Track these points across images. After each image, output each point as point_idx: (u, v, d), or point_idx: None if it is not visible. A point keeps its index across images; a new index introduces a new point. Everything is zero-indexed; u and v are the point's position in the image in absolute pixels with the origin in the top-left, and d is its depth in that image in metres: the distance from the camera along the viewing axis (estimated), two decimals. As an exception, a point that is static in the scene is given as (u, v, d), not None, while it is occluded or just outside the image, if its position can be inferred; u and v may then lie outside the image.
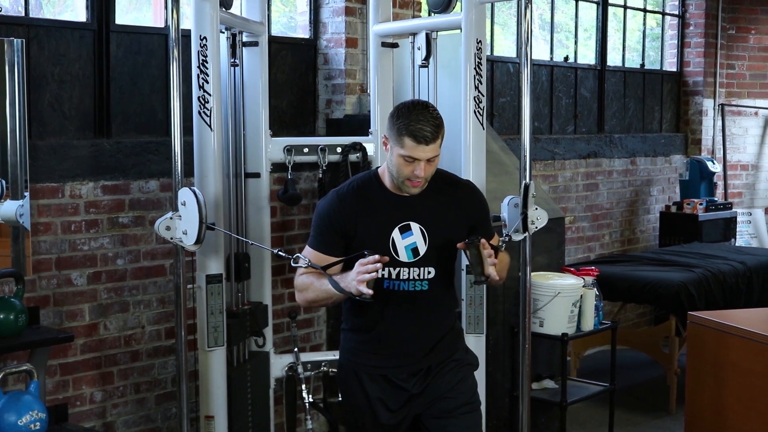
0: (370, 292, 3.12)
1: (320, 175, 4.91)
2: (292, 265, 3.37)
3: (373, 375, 3.42)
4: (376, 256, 3.14)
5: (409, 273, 3.35)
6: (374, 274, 3.13)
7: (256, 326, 4.80)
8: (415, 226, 3.34)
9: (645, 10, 8.69)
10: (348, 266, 3.26)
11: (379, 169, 3.44)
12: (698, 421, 4.82)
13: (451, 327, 3.50)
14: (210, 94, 4.18)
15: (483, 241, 3.23)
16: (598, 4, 7.93)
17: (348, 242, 3.34)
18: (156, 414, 4.90)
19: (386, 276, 3.31)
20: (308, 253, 3.38)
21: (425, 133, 3.20)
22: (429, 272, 3.37)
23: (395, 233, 3.33)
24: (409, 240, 3.34)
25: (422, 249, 3.34)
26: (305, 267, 3.35)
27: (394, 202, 3.36)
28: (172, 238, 3.90)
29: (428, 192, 3.38)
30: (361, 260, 3.15)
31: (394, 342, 3.40)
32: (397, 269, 3.34)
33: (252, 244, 4.51)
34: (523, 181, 4.21)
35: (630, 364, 7.04)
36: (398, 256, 3.33)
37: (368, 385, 3.42)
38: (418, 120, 3.21)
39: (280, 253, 3.62)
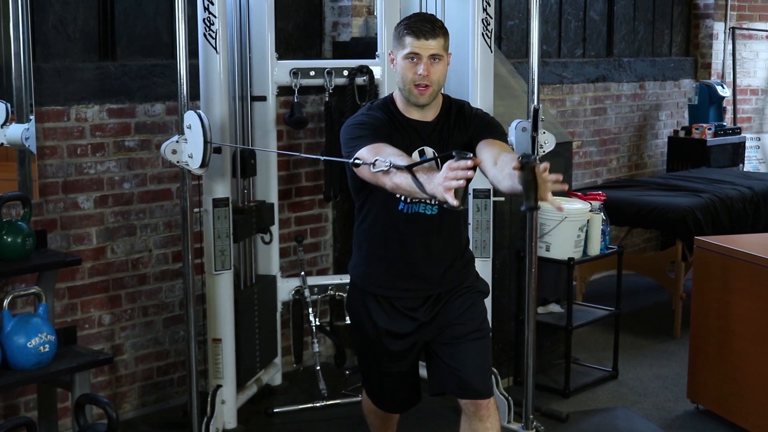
0: (456, 202, 2.67)
1: (326, 99, 4.88)
2: (372, 171, 2.95)
3: (381, 304, 3.43)
4: (469, 162, 2.67)
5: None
6: (462, 181, 2.67)
7: (262, 223, 4.78)
8: (429, 152, 3.32)
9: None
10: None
11: (393, 94, 3.41)
12: (703, 345, 4.85)
13: (461, 253, 3.50)
14: (215, 16, 4.14)
15: (546, 164, 2.78)
16: (608, -76, 7.80)
17: None
18: (164, 337, 4.94)
19: (402, 198, 3.29)
20: (367, 151, 3.06)
21: (425, 27, 3.21)
22: None
23: (415, 156, 3.28)
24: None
25: None
26: (386, 168, 2.92)
27: (409, 127, 3.33)
28: (178, 162, 3.90)
29: (442, 118, 3.36)
30: (450, 163, 2.69)
31: (405, 265, 3.39)
32: None
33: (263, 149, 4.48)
34: (532, 105, 4.19)
35: (636, 289, 7.06)
36: None
37: (376, 315, 3.43)
38: (418, 19, 3.27)
39: (356, 161, 3.09)
